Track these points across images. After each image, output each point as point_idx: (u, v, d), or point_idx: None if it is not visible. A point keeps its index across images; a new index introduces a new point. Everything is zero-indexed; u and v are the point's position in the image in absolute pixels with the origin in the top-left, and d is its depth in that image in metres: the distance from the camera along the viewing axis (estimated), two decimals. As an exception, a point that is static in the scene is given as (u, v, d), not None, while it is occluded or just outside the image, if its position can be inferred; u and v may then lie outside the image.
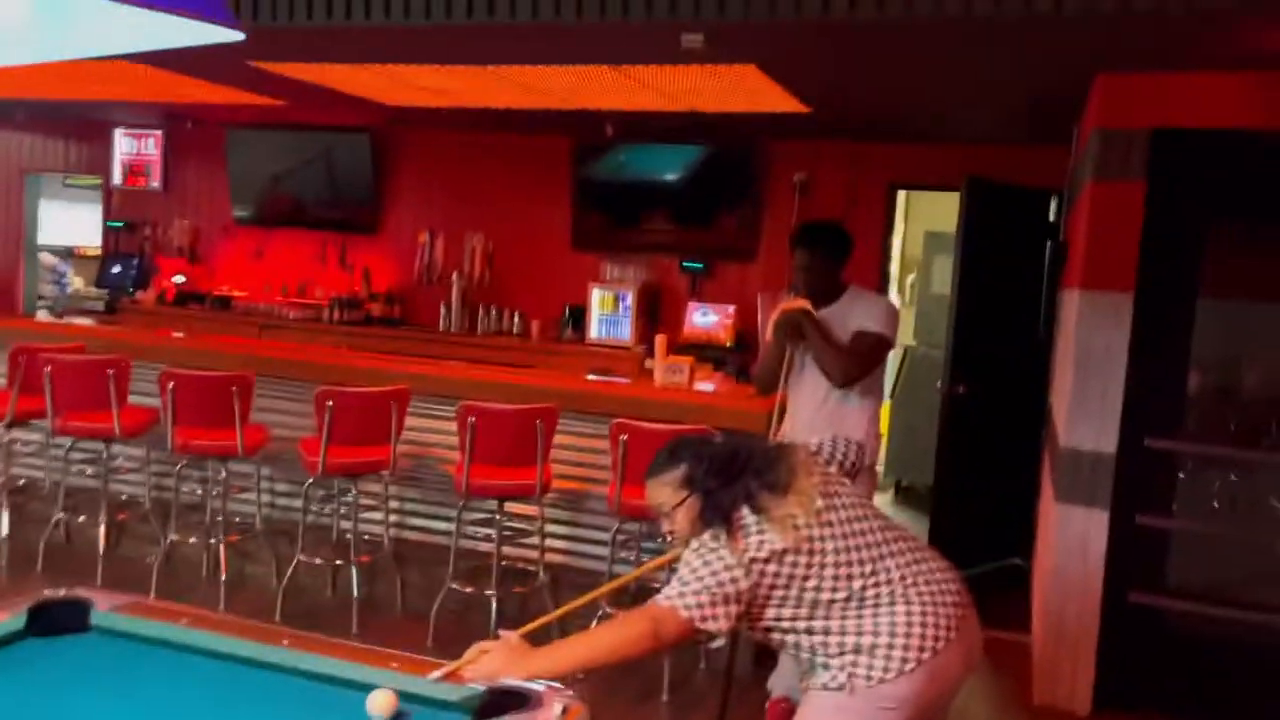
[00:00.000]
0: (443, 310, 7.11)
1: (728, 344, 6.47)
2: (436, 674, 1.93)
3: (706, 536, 2.08)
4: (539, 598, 4.20)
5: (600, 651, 2.07)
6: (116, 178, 8.11)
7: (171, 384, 4.23)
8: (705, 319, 6.59)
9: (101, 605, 2.15)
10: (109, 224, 8.22)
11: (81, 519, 4.93)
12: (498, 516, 4.14)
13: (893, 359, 5.79)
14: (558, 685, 1.93)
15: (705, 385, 5.04)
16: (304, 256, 7.72)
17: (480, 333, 7.03)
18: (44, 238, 9.62)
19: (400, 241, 7.47)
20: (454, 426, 4.00)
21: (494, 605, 4.18)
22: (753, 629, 2.16)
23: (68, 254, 10.76)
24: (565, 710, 1.82)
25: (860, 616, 2.10)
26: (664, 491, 2.19)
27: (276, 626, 2.15)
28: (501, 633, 2.08)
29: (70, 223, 10.35)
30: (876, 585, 2.12)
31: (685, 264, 6.77)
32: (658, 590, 2.14)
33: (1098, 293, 3.76)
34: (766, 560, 2.05)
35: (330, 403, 4.04)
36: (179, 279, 7.68)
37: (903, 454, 6.73)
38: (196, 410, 4.29)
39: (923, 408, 6.67)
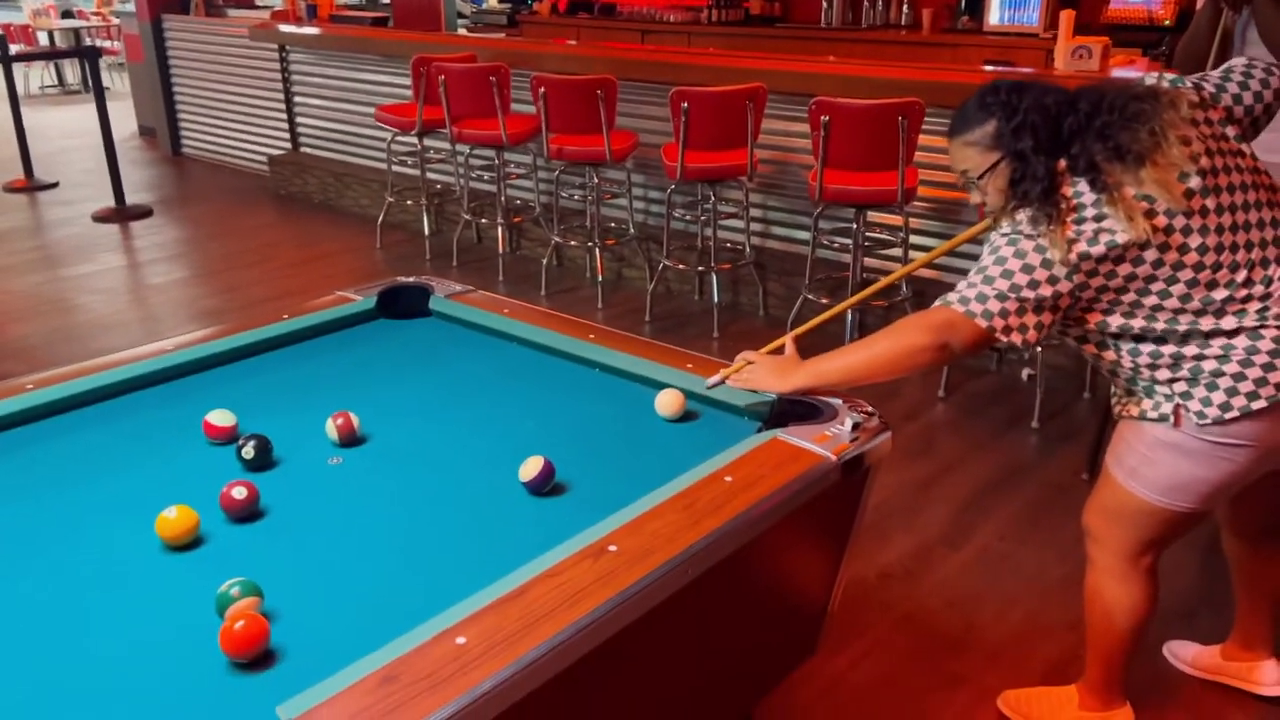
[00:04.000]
0: (824, 4, 6.55)
1: (1168, 23, 5.28)
2: (712, 380, 1.83)
3: (1023, 219, 1.62)
4: (902, 312, 3.95)
5: (873, 364, 1.71)
6: (510, -114, 8.21)
7: (542, 89, 4.34)
8: (1140, -7, 5.39)
9: (439, 292, 2.30)
10: (507, -64, 8.45)
11: (484, 221, 5.43)
12: (855, 226, 3.87)
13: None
14: (860, 402, 1.76)
15: (1125, 72, 4.17)
16: (685, -45, 7.42)
17: (865, 26, 6.40)
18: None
19: (782, -72, 6.87)
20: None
21: (848, 318, 4.02)
22: (1063, 336, 1.75)
23: (482, -27, 11.36)
24: (856, 426, 1.65)
25: (1210, 334, 1.61)
26: (968, 154, 1.69)
27: (586, 321, 2.16)
28: (788, 338, 1.91)
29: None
30: (1246, 300, 1.60)
31: (1119, -78, 5.51)
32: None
33: None
34: (1101, 258, 1.58)
35: (685, 104, 3.91)
36: (571, -13, 7.78)
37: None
38: (566, 115, 4.39)
39: None
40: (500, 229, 5.18)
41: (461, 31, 8.60)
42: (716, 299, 4.39)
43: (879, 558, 2.69)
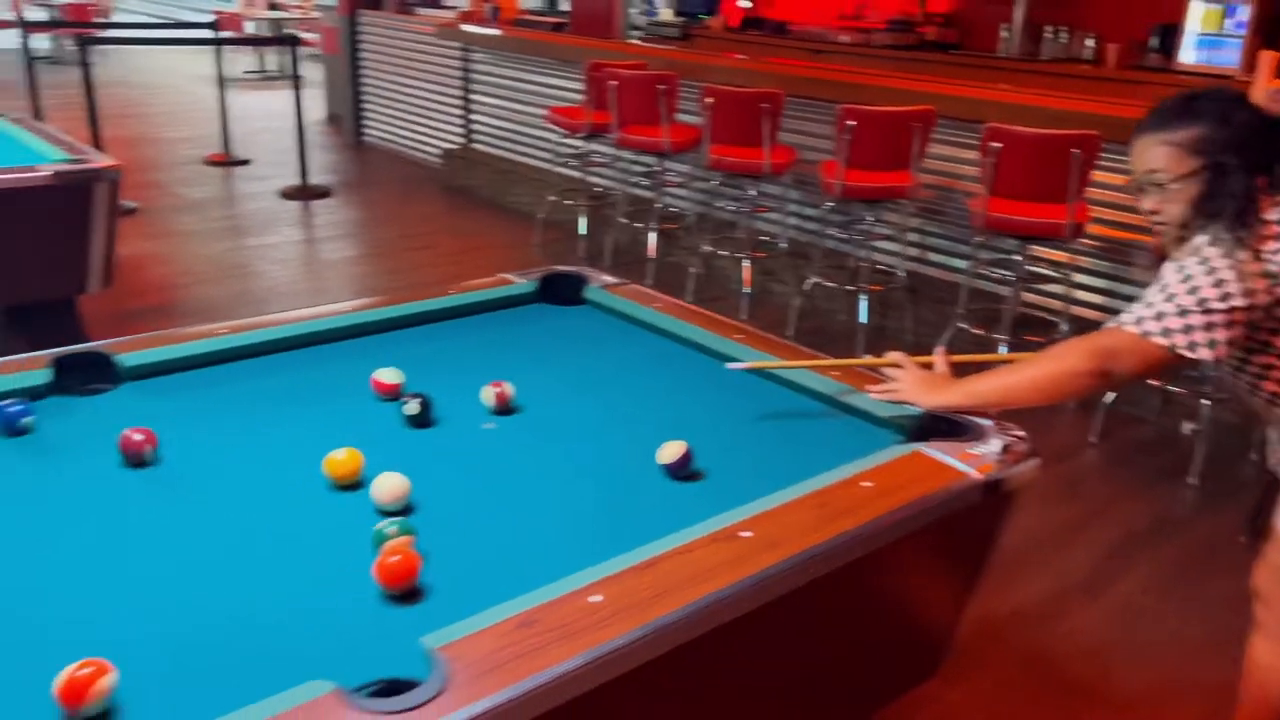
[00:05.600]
0: (1003, 33, 6.39)
1: (1385, 72, 4.91)
2: (871, 384, 1.83)
3: (1204, 243, 1.53)
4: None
5: (1028, 387, 1.66)
6: (693, -97, 8.37)
7: (710, 99, 4.41)
8: (1355, 39, 5.04)
9: (595, 282, 2.39)
10: (686, -48, 8.60)
11: (638, 225, 5.55)
12: (1017, 258, 3.77)
13: None
14: (1010, 425, 1.73)
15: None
16: (863, -23, 7.39)
17: (1044, 58, 6.21)
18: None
19: (966, -46, 6.75)
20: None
21: (1004, 350, 3.90)
22: (1243, 364, 1.64)
23: (659, -14, 11.58)
24: (1005, 449, 1.62)
25: None
26: (1161, 154, 1.59)
27: (734, 321, 2.20)
28: (940, 353, 1.90)
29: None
30: None
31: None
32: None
33: None
34: None
35: (851, 121, 3.90)
36: (745, 3, 7.85)
37: None
38: (730, 127, 4.45)
39: None
40: (653, 234, 5.28)
41: (633, 41, 8.81)
42: (864, 319, 4.35)
43: (1013, 595, 2.62)
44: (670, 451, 1.57)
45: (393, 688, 1.06)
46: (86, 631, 1.17)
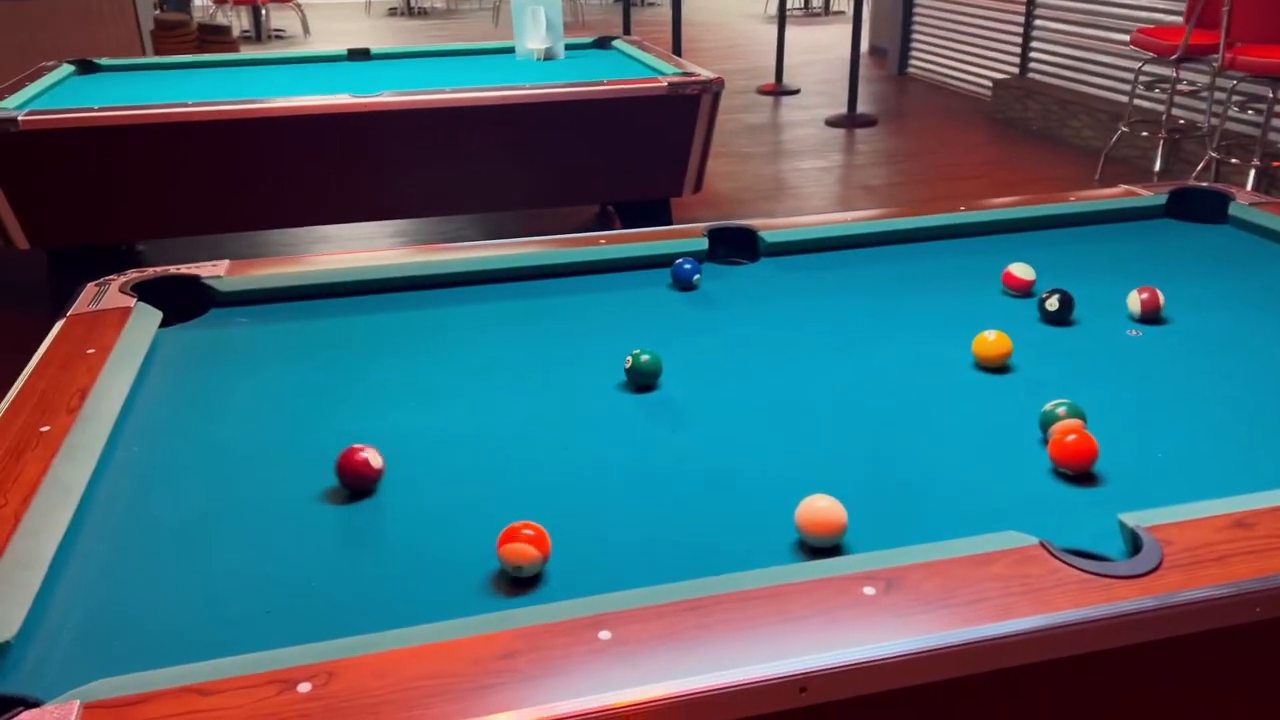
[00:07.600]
0: None
1: None
2: None
3: None
4: None
5: None
6: None
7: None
8: None
9: (1240, 198, 2.11)
10: None
11: (1233, 161, 4.82)
12: None
13: None
14: None
15: None
16: None
17: None
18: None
19: None
20: None
21: None
22: None
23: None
24: None
25: None
26: None
27: None
28: None
29: None
30: None
31: None
32: None
33: None
34: None
35: None
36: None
37: None
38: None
39: None
40: (1252, 174, 4.55)
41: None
42: None
43: None
44: None
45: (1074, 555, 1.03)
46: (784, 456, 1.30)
